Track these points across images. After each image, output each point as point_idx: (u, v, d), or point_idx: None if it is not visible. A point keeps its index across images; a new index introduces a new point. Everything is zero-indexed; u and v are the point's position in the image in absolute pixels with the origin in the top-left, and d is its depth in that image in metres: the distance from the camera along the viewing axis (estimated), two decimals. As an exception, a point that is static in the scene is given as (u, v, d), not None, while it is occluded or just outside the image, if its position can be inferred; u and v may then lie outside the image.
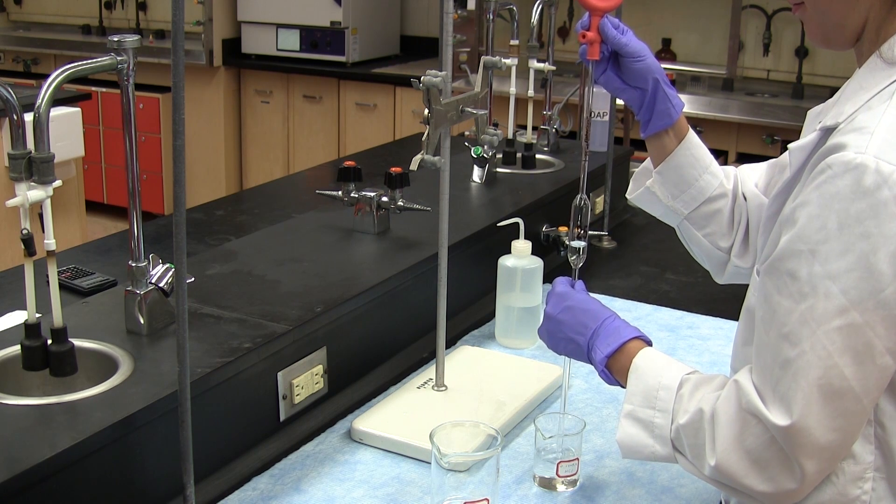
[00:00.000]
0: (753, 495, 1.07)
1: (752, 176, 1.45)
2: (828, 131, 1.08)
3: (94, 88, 4.93)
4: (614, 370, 1.25)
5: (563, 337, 1.31)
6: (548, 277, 2.09)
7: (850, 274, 0.98)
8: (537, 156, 2.49)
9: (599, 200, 2.48)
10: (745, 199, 1.43)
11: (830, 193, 1.00)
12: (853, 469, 1.07)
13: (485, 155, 2.27)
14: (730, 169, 1.45)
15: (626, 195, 1.49)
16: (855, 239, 0.98)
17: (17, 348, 1.31)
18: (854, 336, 0.99)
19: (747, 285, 1.28)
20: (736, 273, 1.45)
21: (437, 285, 1.53)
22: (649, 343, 1.26)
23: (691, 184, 1.39)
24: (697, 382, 1.15)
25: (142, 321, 1.42)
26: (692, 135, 1.39)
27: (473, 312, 1.95)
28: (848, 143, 1.01)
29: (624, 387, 1.23)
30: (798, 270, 1.01)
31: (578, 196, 1.36)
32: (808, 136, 1.12)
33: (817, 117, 1.25)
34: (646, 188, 1.43)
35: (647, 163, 1.45)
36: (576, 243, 1.38)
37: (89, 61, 1.30)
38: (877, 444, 1.07)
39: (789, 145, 1.16)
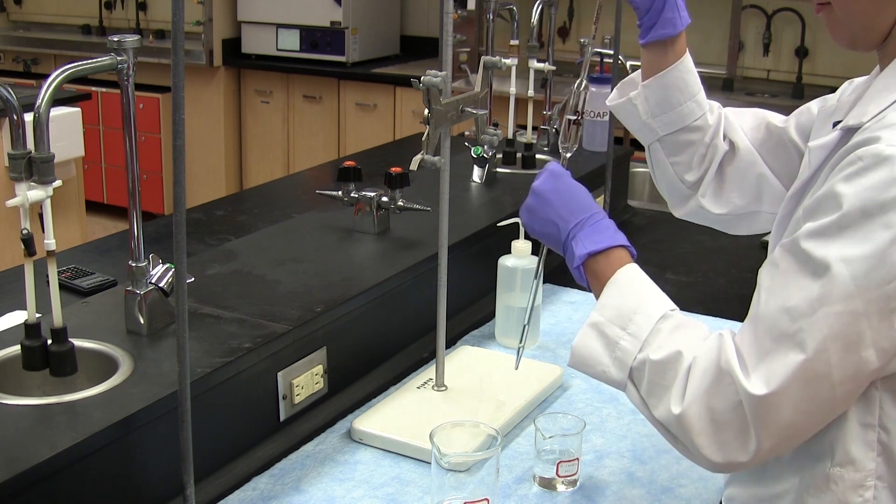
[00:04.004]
0: (695, 455, 1.04)
1: (737, 121, 1.43)
2: (849, 131, 1.06)
3: (94, 88, 4.93)
4: (590, 271, 1.19)
5: (544, 217, 1.25)
6: (548, 278, 2.09)
7: (863, 261, 0.97)
8: (537, 156, 2.49)
9: (599, 200, 2.48)
10: (727, 141, 1.41)
11: (859, 183, 0.98)
12: (853, 476, 1.05)
13: (485, 155, 2.27)
14: (714, 104, 1.42)
15: (607, 101, 1.45)
16: (876, 228, 0.97)
17: (17, 348, 1.31)
18: (850, 324, 0.98)
19: (749, 285, 1.27)
20: (698, 213, 1.43)
21: (437, 285, 1.53)
22: (634, 257, 1.21)
23: (675, 107, 1.37)
24: (680, 322, 1.12)
25: (142, 321, 1.42)
26: (688, 58, 1.37)
27: (473, 312, 1.95)
28: (881, 137, 0.99)
29: (591, 290, 1.19)
30: (814, 250, 1.00)
31: (579, 80, 1.32)
32: (828, 136, 1.10)
33: (830, 116, 1.24)
34: (628, 99, 1.39)
35: (636, 75, 1.41)
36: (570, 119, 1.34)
37: (89, 61, 1.30)
38: (879, 451, 1.05)
39: (809, 144, 1.14)
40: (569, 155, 1.35)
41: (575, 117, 1.34)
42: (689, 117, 1.37)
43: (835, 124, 1.17)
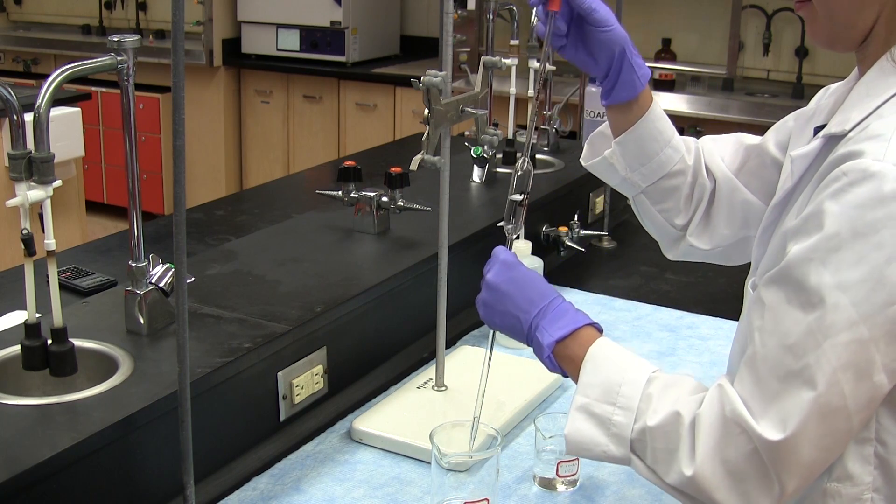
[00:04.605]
0: None
1: (717, 149, 1.40)
2: (832, 139, 1.04)
3: (94, 88, 4.92)
4: (561, 357, 1.17)
5: (502, 310, 1.22)
6: (549, 278, 2.09)
7: (861, 285, 0.94)
8: (537, 156, 2.49)
9: (599, 200, 2.48)
10: (709, 173, 1.38)
11: (846, 201, 0.95)
12: (850, 491, 1.03)
13: (485, 155, 2.27)
14: (690, 141, 1.39)
15: (581, 160, 1.42)
16: (869, 249, 0.93)
17: (17, 348, 1.31)
18: (859, 352, 0.95)
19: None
20: (689, 252, 1.41)
21: (437, 285, 1.53)
22: (601, 331, 1.19)
23: (652, 157, 1.33)
24: (667, 382, 1.08)
25: (142, 321, 1.42)
26: (656, 106, 1.33)
27: (473, 312, 1.93)
28: (865, 151, 0.96)
29: (566, 375, 1.17)
30: (807, 279, 0.96)
31: (521, 160, 1.27)
32: (810, 144, 1.08)
33: (809, 121, 1.22)
34: (603, 158, 1.36)
35: (605, 127, 1.38)
36: (515, 197, 1.28)
37: (89, 61, 1.30)
38: (876, 464, 1.03)
39: (791, 153, 1.11)
40: (515, 237, 1.30)
41: (521, 198, 1.28)
42: (669, 164, 1.34)
43: (816, 130, 1.15)
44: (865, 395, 0.96)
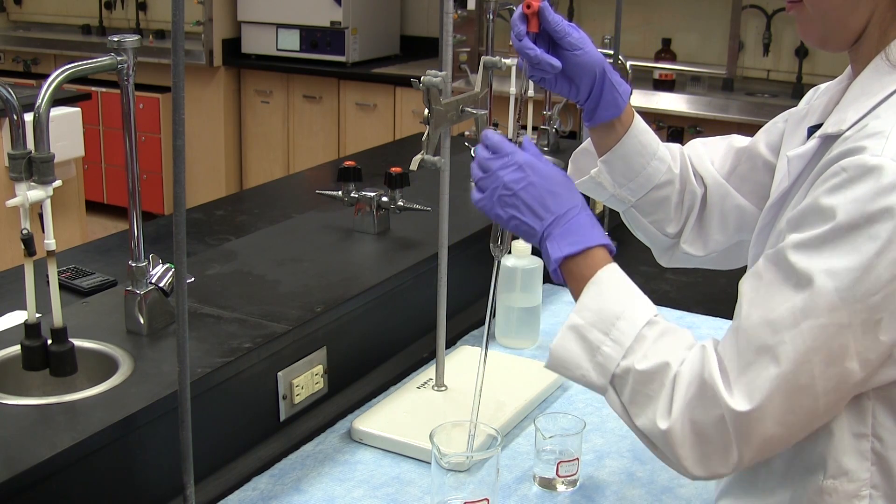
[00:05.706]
0: (675, 465, 1.03)
1: (707, 153, 1.40)
2: (828, 139, 1.05)
3: (94, 88, 4.93)
4: (568, 272, 1.14)
5: (514, 212, 1.17)
6: (547, 277, 2.09)
7: (848, 273, 0.95)
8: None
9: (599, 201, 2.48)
10: (698, 179, 1.38)
11: (844, 194, 0.96)
12: (847, 487, 1.04)
13: (485, 155, 2.26)
14: (675, 148, 1.39)
15: None
16: (863, 240, 0.95)
17: (17, 348, 1.31)
18: (835, 337, 0.96)
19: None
20: (684, 258, 1.41)
21: (437, 285, 1.53)
22: (613, 253, 1.16)
23: (639, 172, 1.34)
24: (665, 330, 1.08)
25: (142, 321, 1.42)
26: (638, 120, 1.33)
27: (473, 312, 1.95)
28: (864, 147, 0.97)
29: (565, 285, 1.15)
30: (798, 262, 0.98)
31: None
32: (807, 144, 1.09)
33: (802, 121, 1.22)
34: (590, 178, 1.36)
35: (588, 144, 1.38)
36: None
37: (89, 61, 1.30)
38: (874, 460, 1.03)
39: (787, 153, 1.12)
40: (500, 258, 1.32)
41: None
42: (657, 176, 1.34)
43: (810, 130, 1.15)
44: (834, 378, 0.97)
